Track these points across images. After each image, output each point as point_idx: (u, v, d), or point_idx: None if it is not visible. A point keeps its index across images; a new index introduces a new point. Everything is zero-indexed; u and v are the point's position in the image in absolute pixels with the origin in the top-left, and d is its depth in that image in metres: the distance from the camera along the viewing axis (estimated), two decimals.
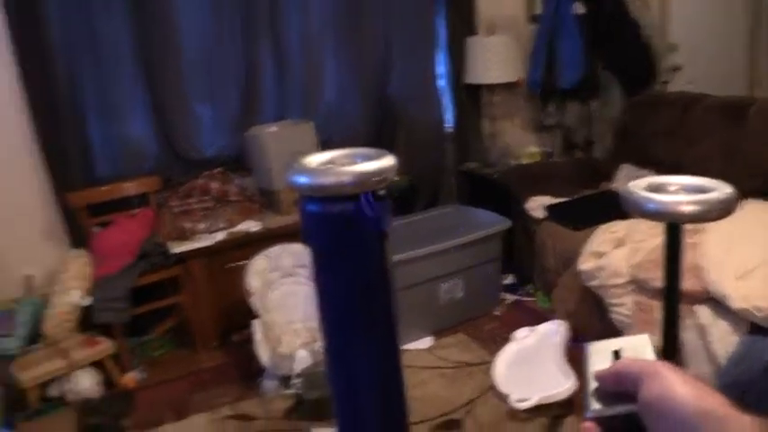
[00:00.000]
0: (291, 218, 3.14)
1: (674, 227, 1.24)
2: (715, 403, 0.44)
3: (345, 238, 0.95)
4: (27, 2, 2.84)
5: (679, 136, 3.31)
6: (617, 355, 0.54)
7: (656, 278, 2.33)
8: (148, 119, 3.26)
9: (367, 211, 0.98)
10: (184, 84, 3.29)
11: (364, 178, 0.93)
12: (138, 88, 3.20)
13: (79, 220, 3.10)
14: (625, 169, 3.47)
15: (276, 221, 3.13)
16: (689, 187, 1.23)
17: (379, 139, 3.76)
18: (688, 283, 2.17)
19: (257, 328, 2.69)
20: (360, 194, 0.97)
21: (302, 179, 0.92)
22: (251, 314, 2.77)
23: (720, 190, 1.20)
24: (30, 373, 2.60)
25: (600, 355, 0.54)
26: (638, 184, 1.26)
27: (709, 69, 5.01)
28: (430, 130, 3.87)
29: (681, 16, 4.78)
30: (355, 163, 0.99)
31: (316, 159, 1.00)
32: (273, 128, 3.24)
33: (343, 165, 0.99)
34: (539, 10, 4.05)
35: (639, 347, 0.55)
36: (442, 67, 3.90)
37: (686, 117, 3.29)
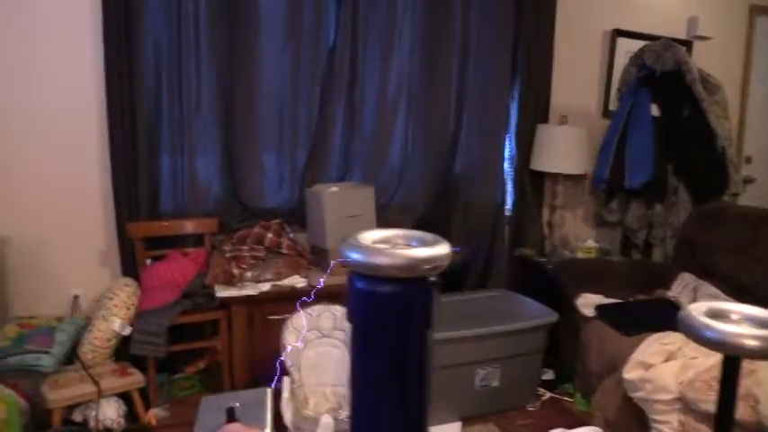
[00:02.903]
0: (338, 279, 3.13)
1: (733, 359, 1.16)
2: None
3: (388, 320, 0.93)
4: (124, 36, 3.03)
5: (746, 254, 3.18)
6: (231, 412, 0.56)
7: (708, 401, 2.20)
8: (218, 162, 3.36)
9: (414, 297, 0.96)
10: (257, 132, 3.39)
11: (416, 264, 0.91)
12: (213, 131, 3.32)
13: (134, 251, 3.18)
14: (684, 279, 3.35)
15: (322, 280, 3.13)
16: (753, 319, 1.16)
17: (436, 212, 3.77)
18: (740, 413, 2.04)
19: (285, 385, 2.66)
20: (409, 279, 0.95)
21: (355, 255, 0.91)
22: (283, 369, 2.74)
23: None
24: (58, 394, 2.61)
25: (211, 411, 0.56)
26: (698, 308, 1.19)
27: None
28: (489, 211, 3.85)
29: (757, 129, 4.72)
30: (411, 246, 0.98)
31: (371, 236, 0.99)
32: (335, 188, 3.29)
33: (398, 246, 0.98)
34: (614, 106, 4.06)
35: (256, 403, 0.56)
36: (508, 150, 3.90)
37: (756, 234, 3.17)
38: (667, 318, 2.94)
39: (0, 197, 3.14)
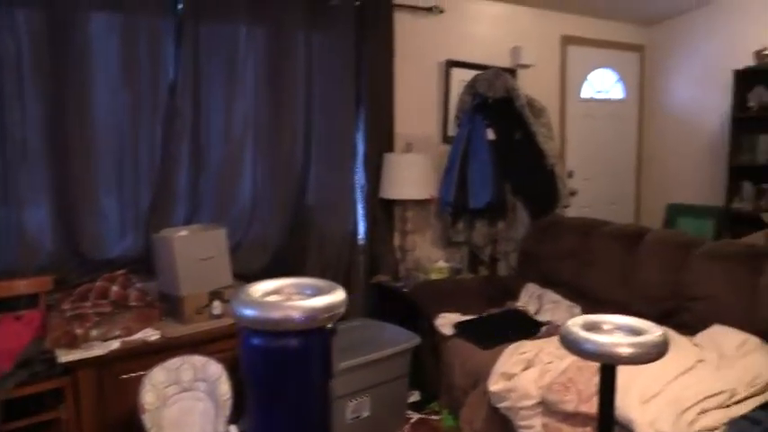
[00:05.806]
0: (194, 327, 2.97)
1: (609, 368, 1.25)
2: None
3: (289, 375, 0.89)
4: None
5: (579, 259, 3.49)
6: None
7: (565, 401, 2.36)
8: (49, 210, 3.04)
9: (315, 348, 0.93)
10: (94, 176, 3.12)
11: (315, 314, 0.88)
12: (42, 177, 3.01)
13: None
14: (529, 288, 3.59)
15: (177, 330, 2.94)
16: (623, 327, 1.26)
17: (291, 247, 3.72)
18: (595, 408, 2.20)
19: None
20: (307, 330, 0.92)
21: (248, 312, 0.87)
22: None
23: (653, 332, 1.24)
24: None
25: None
26: (576, 323, 1.28)
27: (601, 196, 5.45)
28: (344, 241, 3.87)
29: (576, 146, 5.23)
30: (305, 295, 0.94)
31: (261, 288, 0.94)
32: (184, 231, 3.12)
33: (292, 297, 0.95)
34: (453, 132, 4.28)
35: None
36: (358, 181, 3.97)
37: (586, 241, 3.49)
38: (519, 328, 3.14)
39: None
